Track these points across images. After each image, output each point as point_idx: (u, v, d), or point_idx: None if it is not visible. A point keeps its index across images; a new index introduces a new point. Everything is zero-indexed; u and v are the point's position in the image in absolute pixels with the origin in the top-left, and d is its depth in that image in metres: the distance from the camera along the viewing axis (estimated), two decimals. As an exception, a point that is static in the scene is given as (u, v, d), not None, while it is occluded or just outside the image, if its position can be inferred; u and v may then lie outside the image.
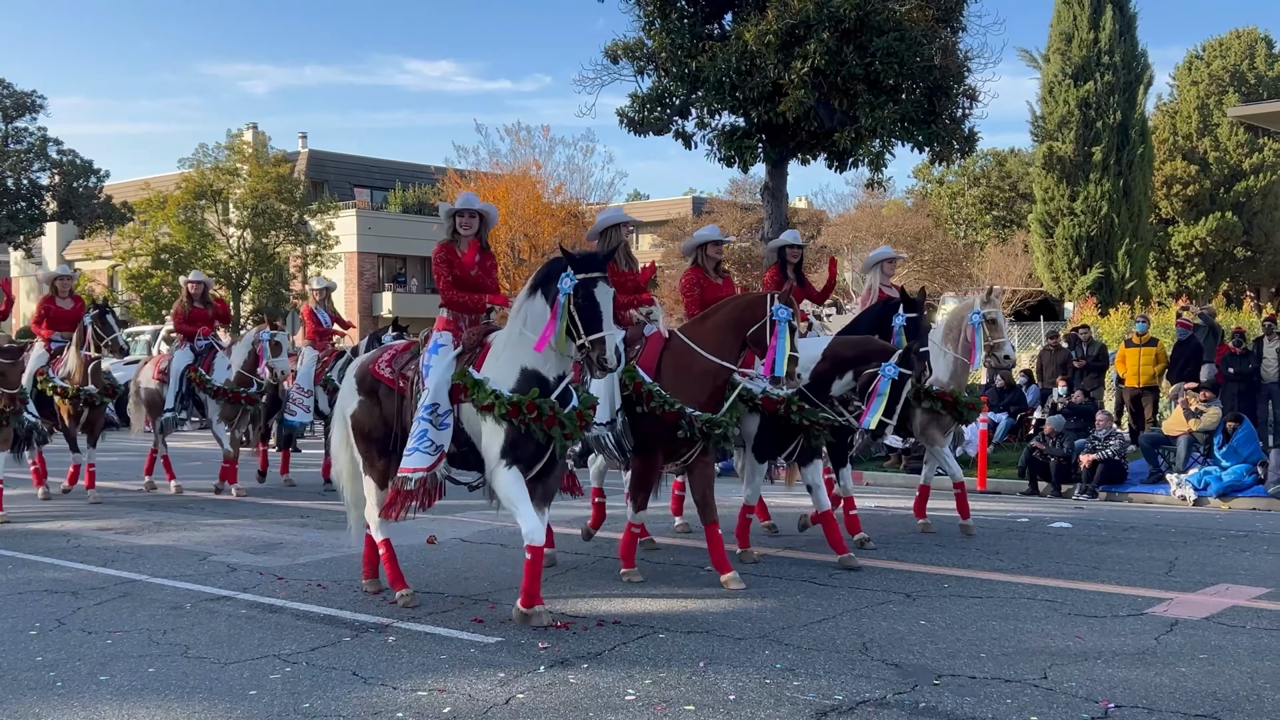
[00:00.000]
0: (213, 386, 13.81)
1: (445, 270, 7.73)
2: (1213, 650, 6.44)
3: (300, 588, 8.35)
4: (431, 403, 7.14)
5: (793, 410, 8.96)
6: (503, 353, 7.13)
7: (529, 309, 7.01)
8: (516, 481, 6.98)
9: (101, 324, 13.01)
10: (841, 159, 21.81)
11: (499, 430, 6.92)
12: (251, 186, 40.56)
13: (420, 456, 7.10)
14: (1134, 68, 34.39)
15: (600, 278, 6.81)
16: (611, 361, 6.67)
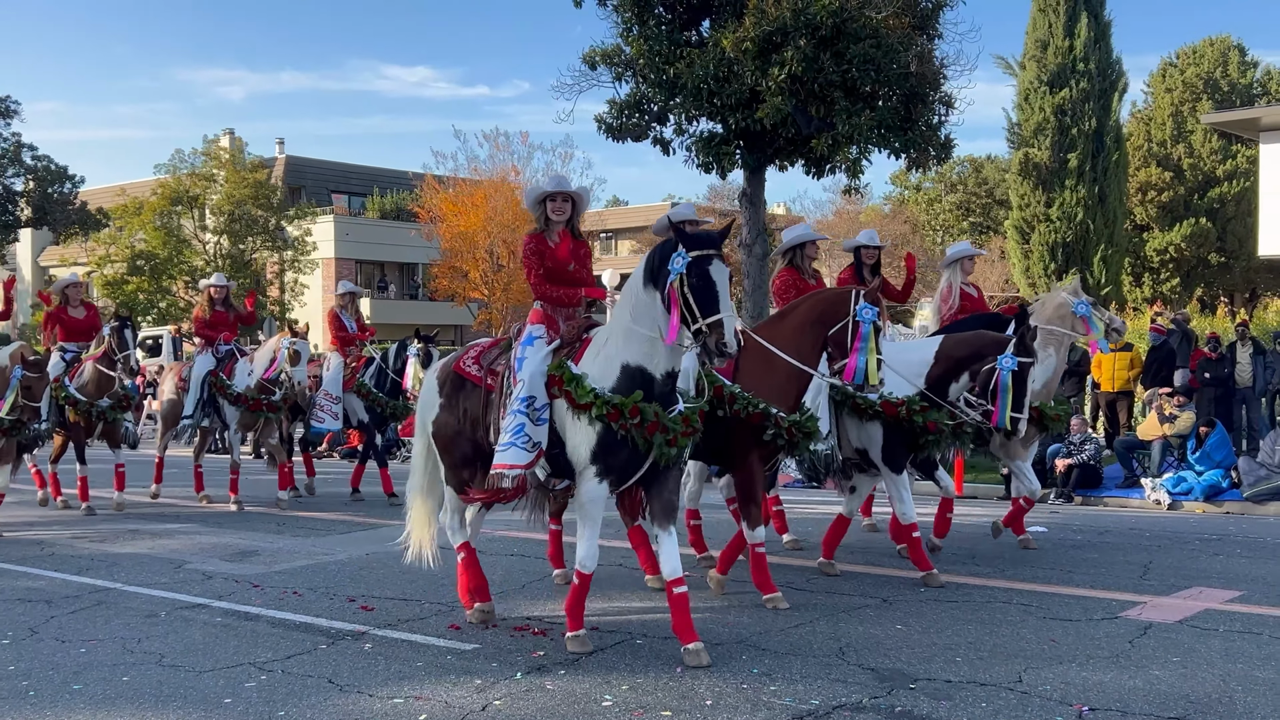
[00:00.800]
0: (233, 393, 13.32)
1: (536, 263, 7.06)
2: (1186, 653, 6.49)
3: (276, 595, 8.31)
4: (528, 395, 6.51)
5: (915, 413, 8.43)
6: (603, 348, 6.54)
7: (638, 299, 6.37)
8: (601, 497, 6.50)
9: (118, 338, 12.52)
10: (819, 165, 21.90)
11: (590, 432, 6.35)
12: (228, 192, 40.43)
13: (517, 452, 6.46)
14: (1109, 75, 34.63)
15: (715, 255, 6.16)
16: (731, 345, 6.01)
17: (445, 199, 38.29)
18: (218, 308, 14.01)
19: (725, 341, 6.01)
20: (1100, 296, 33.54)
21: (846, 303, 7.69)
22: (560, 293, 7.07)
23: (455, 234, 37.69)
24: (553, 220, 7.12)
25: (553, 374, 6.55)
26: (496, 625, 7.22)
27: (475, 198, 37.55)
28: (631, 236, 59.78)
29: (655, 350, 6.33)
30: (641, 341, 6.35)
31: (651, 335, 6.29)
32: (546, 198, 7.09)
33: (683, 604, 6.44)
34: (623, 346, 6.43)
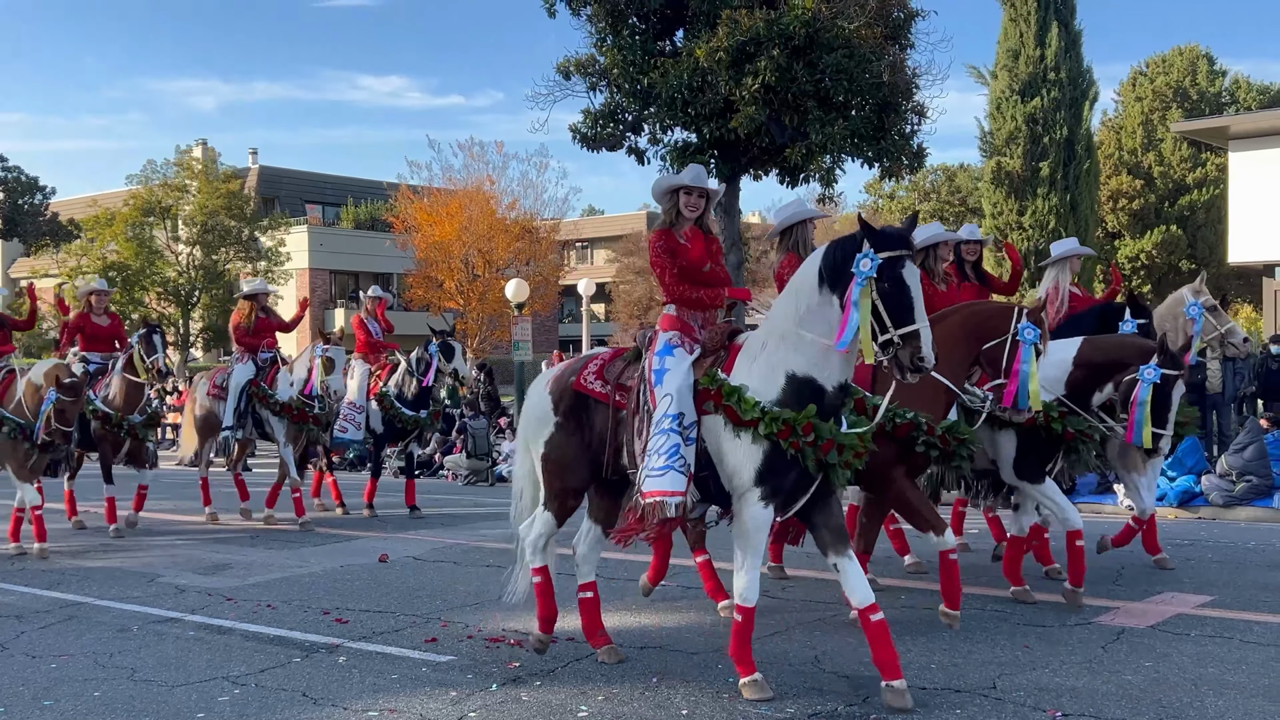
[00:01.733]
0: (277, 402, 12.75)
1: (668, 261, 6.34)
2: (1158, 658, 6.53)
3: (250, 609, 8.26)
4: (677, 411, 5.85)
5: (1054, 420, 7.78)
6: (761, 355, 5.86)
7: (809, 301, 5.69)
8: (766, 522, 5.85)
9: (147, 344, 11.98)
10: (793, 174, 22.01)
11: (754, 451, 5.68)
12: (201, 203, 40.22)
13: (675, 476, 5.78)
14: (1079, 84, 34.95)
15: (908, 256, 5.52)
16: (930, 360, 5.41)
17: (420, 209, 38.22)
18: (259, 314, 13.40)
19: (923, 355, 5.39)
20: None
21: (1007, 319, 7.11)
22: (700, 294, 6.35)
23: (430, 244, 37.62)
24: (684, 216, 6.41)
25: (706, 387, 5.88)
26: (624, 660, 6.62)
27: (450, 207, 37.49)
28: (607, 245, 59.84)
29: (828, 360, 5.68)
30: (812, 349, 5.70)
31: (825, 343, 5.63)
32: (681, 190, 6.40)
33: (883, 634, 5.76)
34: (788, 354, 5.76)
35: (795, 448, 5.60)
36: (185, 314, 40.65)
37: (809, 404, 5.64)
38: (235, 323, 13.48)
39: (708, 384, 5.89)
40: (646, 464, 5.87)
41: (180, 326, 40.85)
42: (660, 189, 6.49)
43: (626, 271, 51.74)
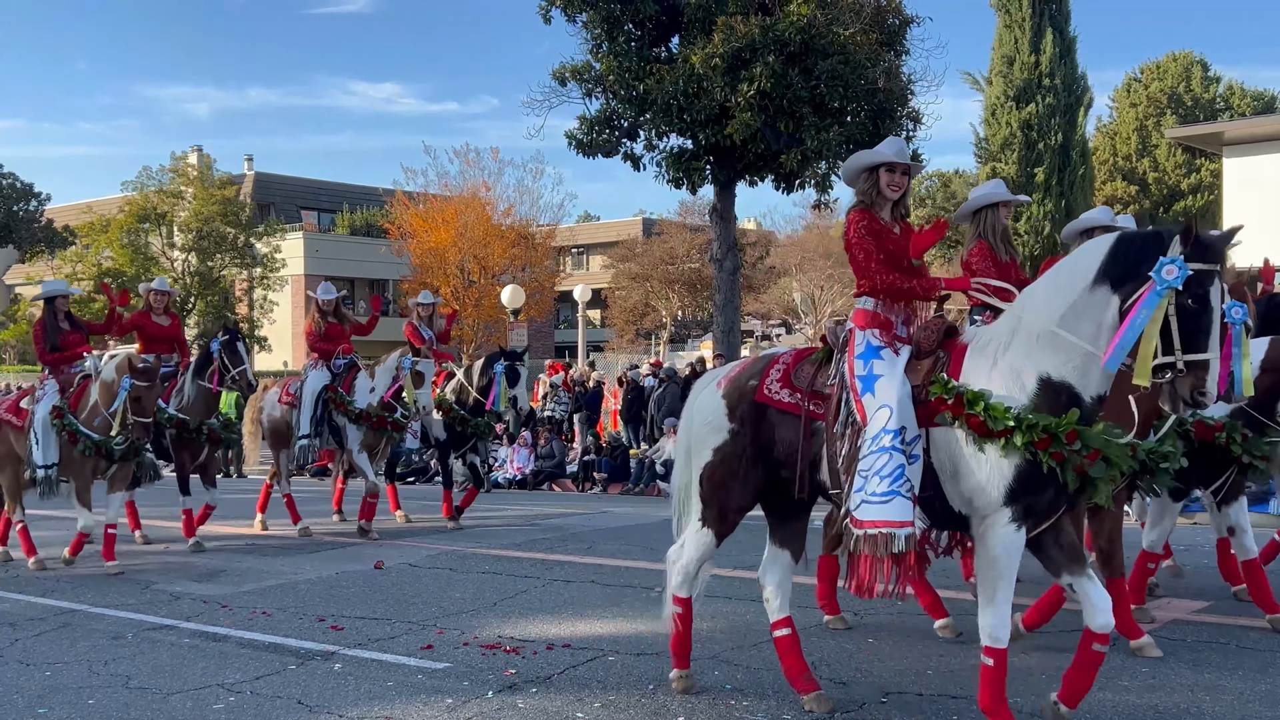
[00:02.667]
0: (355, 410, 12.28)
1: (871, 244, 5.49)
2: (1154, 664, 6.53)
3: (245, 615, 8.24)
4: (898, 426, 5.07)
5: (1234, 440, 7.10)
6: (1004, 356, 5.05)
7: (1078, 299, 4.87)
8: (1019, 546, 5.04)
9: (231, 352, 11.44)
10: (789, 181, 22.06)
11: (1004, 465, 4.89)
12: (196, 209, 40.21)
13: (901, 503, 5.01)
14: (1074, 90, 35.04)
15: (1217, 272, 4.68)
16: (1211, 396, 4.65)
17: (415, 215, 38.22)
18: (330, 319, 12.94)
19: (1206, 390, 4.62)
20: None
21: None
22: (912, 284, 5.47)
23: (426, 250, 37.60)
24: (886, 196, 5.61)
25: (938, 396, 5.07)
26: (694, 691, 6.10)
27: (446, 213, 37.48)
28: (603, 252, 59.86)
29: (1089, 367, 4.87)
30: (1072, 353, 4.90)
31: (1089, 349, 4.84)
32: (883, 167, 5.58)
33: (1094, 665, 5.27)
34: (1041, 356, 4.95)
35: (1058, 459, 4.82)
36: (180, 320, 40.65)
37: (1074, 412, 4.85)
38: (307, 329, 13.07)
39: (940, 392, 5.06)
40: (861, 487, 5.10)
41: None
42: (857, 166, 5.66)
43: (622, 277, 51.75)
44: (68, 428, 10.13)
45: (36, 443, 10.29)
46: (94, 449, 10.07)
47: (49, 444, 10.24)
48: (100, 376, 10.22)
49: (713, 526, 5.87)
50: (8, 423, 10.75)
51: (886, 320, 5.46)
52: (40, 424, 10.29)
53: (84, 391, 10.35)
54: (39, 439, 10.27)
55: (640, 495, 18.19)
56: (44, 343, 10.80)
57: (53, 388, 10.49)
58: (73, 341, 10.90)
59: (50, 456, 10.24)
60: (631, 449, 20.16)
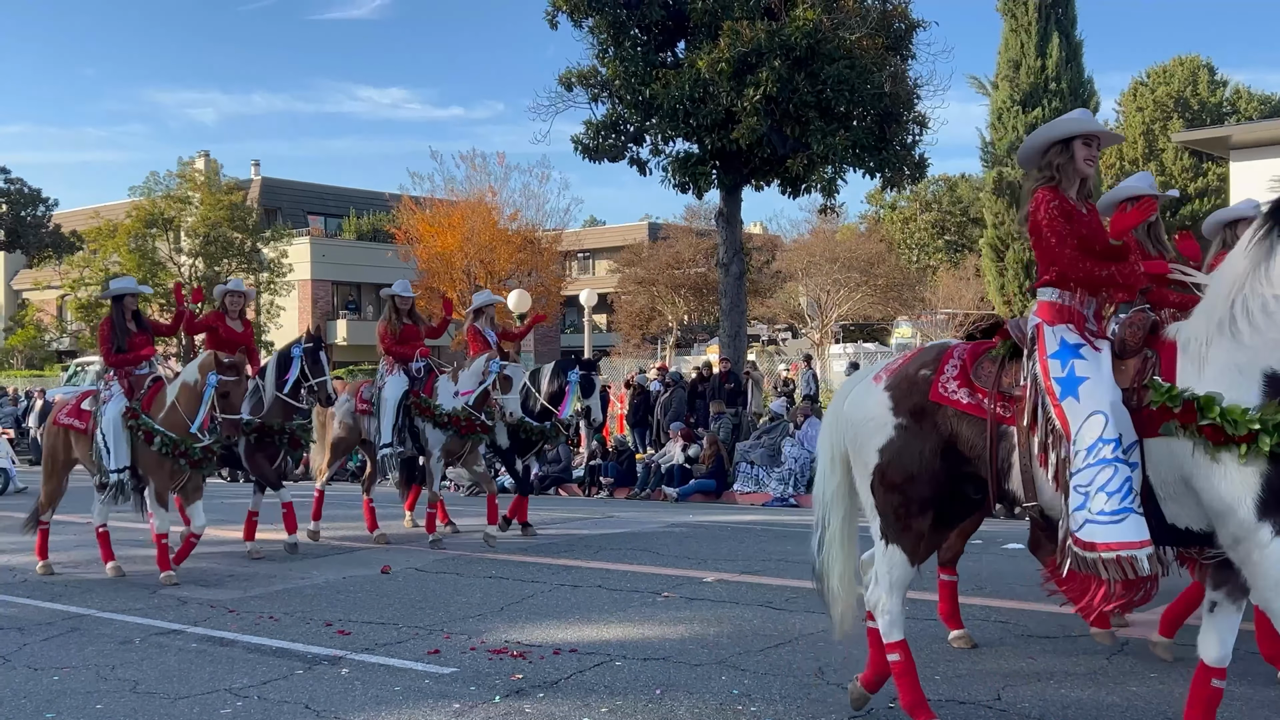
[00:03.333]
0: (442, 413, 11.70)
1: (1064, 227, 4.91)
2: (1163, 669, 6.51)
3: (252, 620, 8.24)
4: (1116, 435, 4.54)
5: None
6: (1210, 351, 4.49)
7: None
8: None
9: (314, 362, 11.03)
10: (794, 185, 22.07)
11: (1252, 475, 4.28)
12: (203, 214, 40.30)
13: (1136, 522, 4.50)
14: (1080, 94, 34.99)
15: None
16: None
17: (422, 220, 38.27)
18: (405, 320, 12.28)
19: None
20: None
21: None
22: (1110, 271, 4.90)
23: (432, 255, 37.65)
24: (1080, 171, 5.02)
25: (1162, 404, 4.47)
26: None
27: (452, 219, 37.52)
28: (608, 256, 59.89)
29: None
30: None
31: None
32: (1080, 139, 5.00)
33: (1214, 704, 4.94)
34: (1265, 349, 4.37)
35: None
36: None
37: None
38: (382, 332, 12.33)
39: (1163, 400, 4.46)
40: (1083, 504, 4.57)
41: (182, 338, 40.86)
42: (1046, 138, 5.06)
43: (628, 282, 51.77)
44: (143, 428, 9.73)
45: (106, 446, 9.88)
46: (171, 449, 9.64)
47: (120, 446, 9.87)
48: (182, 378, 9.85)
49: (897, 540, 5.29)
50: (69, 427, 10.41)
51: (1077, 313, 4.92)
52: (111, 426, 9.88)
53: (157, 394, 9.95)
54: (110, 442, 9.87)
55: (646, 500, 18.20)
56: (110, 343, 10.26)
57: (118, 390, 10.06)
58: (139, 343, 10.35)
59: (122, 459, 9.86)
60: (637, 453, 20.17)
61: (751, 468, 17.59)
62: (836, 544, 5.72)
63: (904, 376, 5.31)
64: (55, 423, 10.60)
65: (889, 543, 5.31)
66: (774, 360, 37.82)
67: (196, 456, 9.74)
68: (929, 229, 52.13)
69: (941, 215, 51.31)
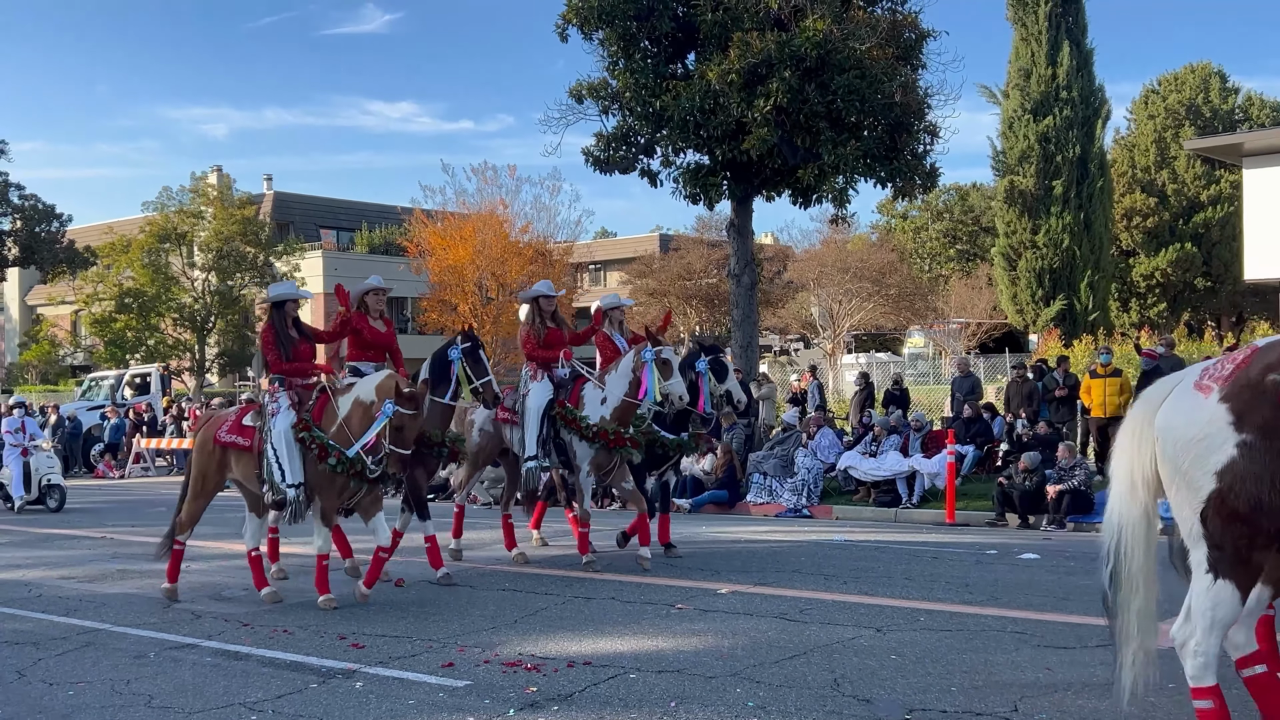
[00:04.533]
0: (590, 426, 10.70)
1: None
2: (1181, 679, 6.43)
3: (266, 634, 8.24)
4: None
5: None
6: None
7: None
8: None
9: (474, 362, 10.22)
10: (805, 195, 22.04)
11: None
12: (216, 229, 40.46)
13: None
14: (1092, 103, 34.98)
15: None
16: None
17: (434, 233, 38.37)
18: (549, 323, 11.38)
19: None
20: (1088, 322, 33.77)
21: None
22: None
23: (444, 267, 37.74)
24: None
25: None
26: None
27: (464, 231, 37.61)
28: (620, 268, 59.93)
29: None
30: None
31: None
32: None
33: None
34: None
35: None
36: (201, 340, 40.80)
37: None
38: (525, 337, 11.38)
39: None
40: None
41: (196, 352, 41.02)
42: None
43: (639, 293, 51.77)
44: (316, 441, 8.99)
45: (277, 461, 9.10)
46: (346, 466, 8.87)
47: (295, 461, 9.08)
48: (355, 394, 9.10)
49: (1230, 575, 4.64)
50: (230, 445, 9.58)
51: None
52: (283, 440, 9.10)
53: (325, 407, 9.25)
54: (282, 457, 9.08)
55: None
56: (276, 351, 9.52)
57: (285, 402, 9.28)
58: (304, 352, 9.67)
59: (298, 474, 9.07)
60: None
61: (764, 478, 17.55)
62: (1140, 578, 5.05)
63: (1247, 384, 4.59)
64: (216, 441, 9.68)
65: (1218, 577, 4.66)
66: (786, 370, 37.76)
67: (373, 474, 8.97)
68: (940, 238, 52.04)
69: (953, 224, 51.23)
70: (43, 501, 18.50)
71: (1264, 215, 26.97)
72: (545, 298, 11.45)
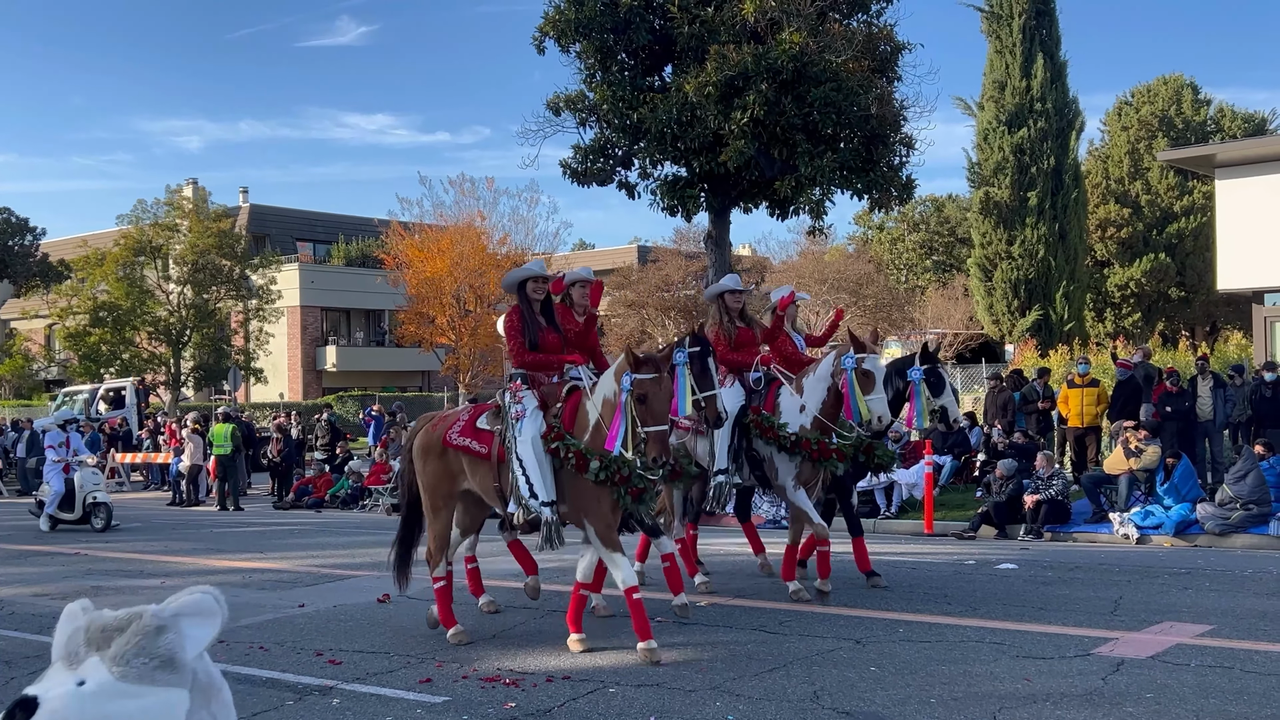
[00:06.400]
0: (788, 436, 9.42)
1: None
2: (1159, 689, 6.48)
3: (242, 650, 8.17)
4: None
5: None
6: None
7: None
8: None
9: (702, 370, 8.31)
10: (783, 207, 22.11)
11: None
12: (192, 242, 40.21)
13: None
14: (1065, 114, 35.20)
15: None
16: None
17: (411, 245, 38.27)
18: (739, 322, 10.13)
19: None
20: (1064, 333, 33.97)
21: None
22: None
23: (421, 280, 37.63)
24: None
25: None
26: None
27: (441, 243, 37.54)
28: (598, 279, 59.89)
29: None
30: None
31: None
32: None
33: None
34: None
35: None
36: (176, 354, 40.53)
37: None
38: (714, 336, 9.80)
39: None
40: None
41: (171, 366, 40.73)
42: None
43: (618, 305, 51.77)
44: (571, 450, 7.61)
45: (524, 474, 7.66)
46: (610, 472, 7.51)
47: (546, 475, 7.68)
48: (599, 392, 7.75)
49: None
50: (464, 449, 8.14)
51: None
52: (531, 449, 7.66)
53: (577, 410, 7.84)
54: (530, 469, 7.66)
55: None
56: (520, 339, 8.15)
57: (531, 402, 7.87)
58: (552, 342, 8.26)
59: (551, 490, 7.69)
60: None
61: (743, 490, 17.54)
62: None
63: None
64: (446, 444, 8.25)
65: None
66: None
67: (640, 485, 7.59)
68: (917, 249, 52.28)
69: (929, 235, 51.47)
70: (88, 521, 17.09)
71: (1236, 226, 27.23)
72: (732, 293, 10.04)
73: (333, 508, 20.89)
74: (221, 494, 21.59)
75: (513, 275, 8.60)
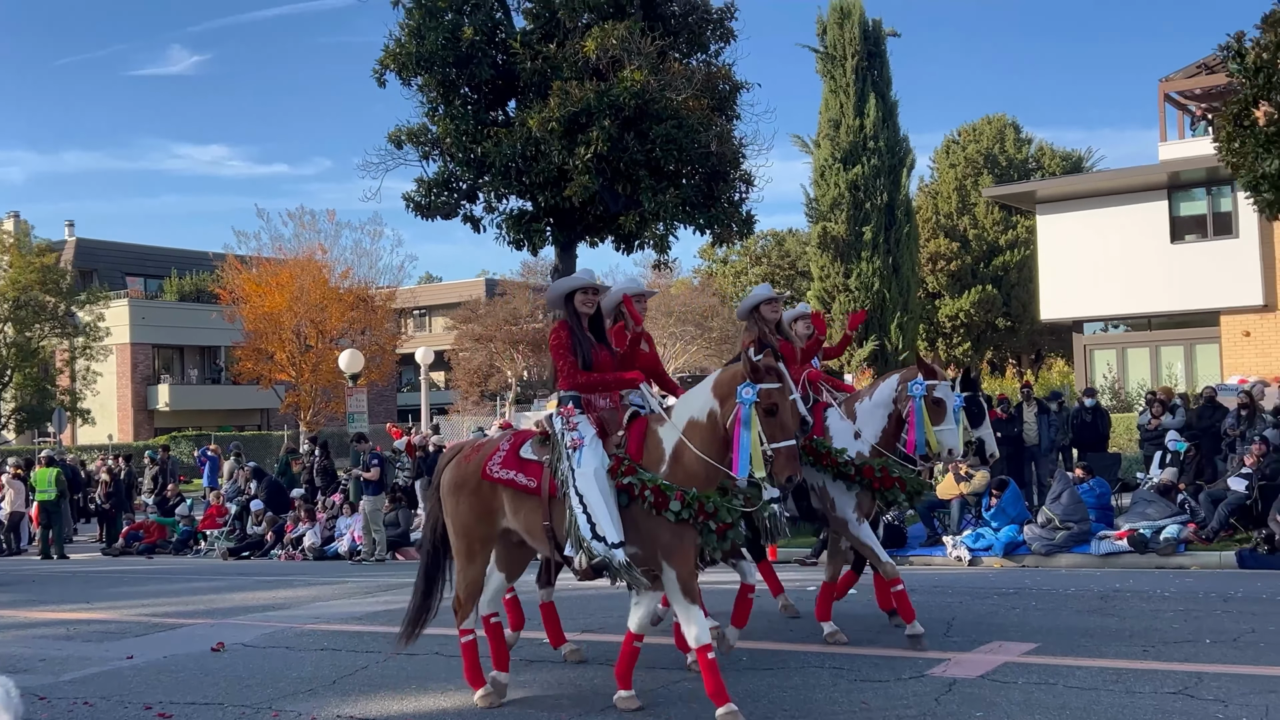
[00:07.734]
0: (848, 463, 8.60)
1: None
2: (988, 707, 6.72)
3: (65, 708, 7.77)
4: None
5: None
6: None
7: None
8: None
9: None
10: (628, 241, 22.36)
11: None
12: (13, 278, 38.33)
13: None
14: (897, 152, 36.60)
15: None
16: None
17: (248, 279, 37.24)
18: (776, 337, 8.79)
19: None
20: (899, 362, 35.12)
21: None
22: None
23: (259, 315, 36.62)
24: None
25: None
26: None
27: (280, 277, 36.63)
28: (445, 313, 59.38)
29: None
30: None
31: None
32: None
33: None
34: None
35: None
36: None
37: None
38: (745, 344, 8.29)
39: None
40: None
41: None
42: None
43: (466, 339, 51.39)
44: (648, 486, 6.55)
45: (584, 511, 6.58)
46: (696, 512, 6.48)
47: (613, 511, 6.60)
48: (683, 414, 6.77)
49: None
50: (508, 484, 7.10)
51: None
52: (595, 483, 6.60)
53: (643, 434, 6.88)
54: (594, 507, 6.57)
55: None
56: (573, 355, 7.14)
57: (588, 429, 6.88)
58: (604, 361, 7.28)
59: (619, 530, 6.57)
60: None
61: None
62: None
63: None
64: (485, 476, 7.18)
65: None
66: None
67: (729, 520, 6.58)
68: (759, 282, 53.50)
69: (771, 269, 52.65)
70: None
71: (1056, 259, 28.71)
72: (767, 303, 8.98)
73: (165, 553, 20.08)
74: (45, 541, 20.56)
75: (559, 286, 7.46)
